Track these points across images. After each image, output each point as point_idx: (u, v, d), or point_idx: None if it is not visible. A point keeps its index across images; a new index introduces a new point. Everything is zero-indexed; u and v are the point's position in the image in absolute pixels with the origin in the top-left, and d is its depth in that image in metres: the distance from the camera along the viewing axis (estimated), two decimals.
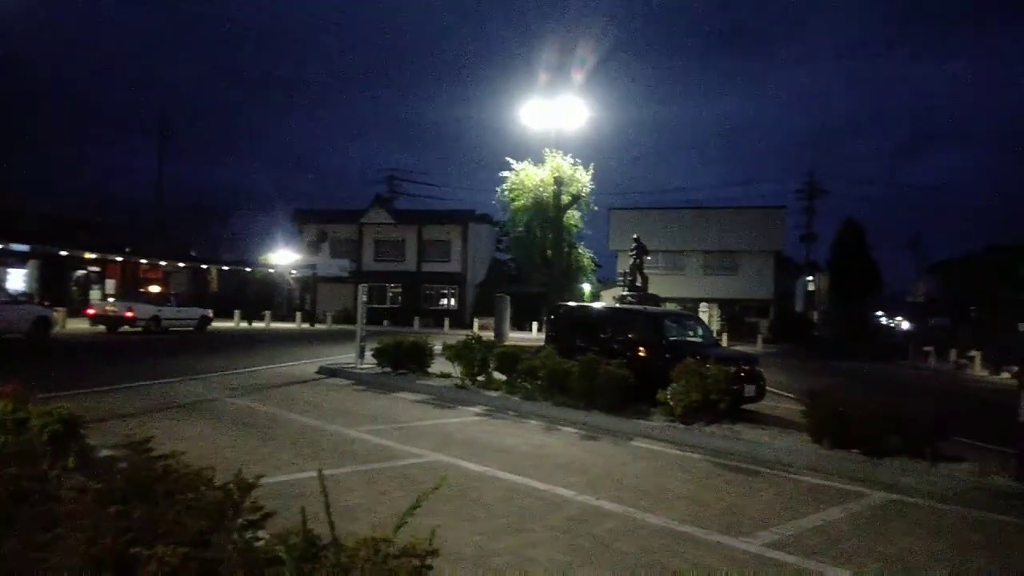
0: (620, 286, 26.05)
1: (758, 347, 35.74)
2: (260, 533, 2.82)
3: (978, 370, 26.84)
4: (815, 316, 51.37)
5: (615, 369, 11.35)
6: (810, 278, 55.45)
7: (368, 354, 16.36)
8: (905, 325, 64.96)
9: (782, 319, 45.00)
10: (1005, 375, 24.20)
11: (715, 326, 37.35)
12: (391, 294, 50.20)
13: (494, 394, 12.79)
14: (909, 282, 58.45)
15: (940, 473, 8.11)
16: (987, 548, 5.86)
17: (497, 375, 13.68)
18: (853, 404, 9.25)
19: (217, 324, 33.34)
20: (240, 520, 2.75)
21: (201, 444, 8.04)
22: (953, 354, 29.33)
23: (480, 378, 13.67)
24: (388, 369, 15.32)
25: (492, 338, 17.78)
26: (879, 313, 68.20)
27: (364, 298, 18.31)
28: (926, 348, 32.36)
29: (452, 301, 49.75)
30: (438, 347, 15.24)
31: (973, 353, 27.92)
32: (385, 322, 42.16)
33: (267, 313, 39.84)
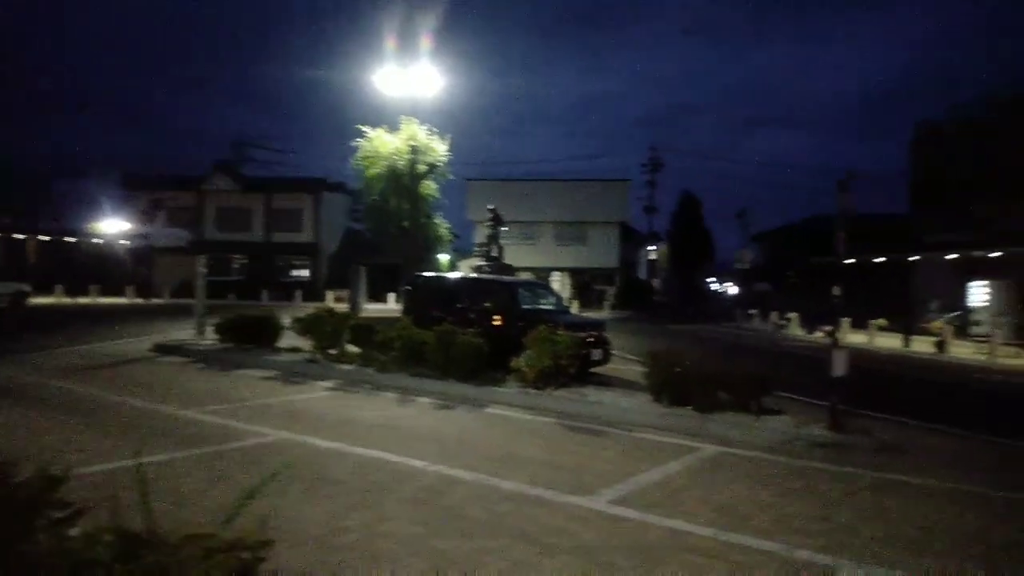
0: (477, 256, 26.15)
1: (605, 313, 37.34)
2: (73, 532, 2.54)
3: (795, 330, 29.60)
4: (656, 283, 54.36)
5: (471, 338, 11.40)
6: (652, 247, 58.47)
7: (210, 329, 15.40)
8: (733, 290, 70.21)
9: (627, 286, 47.25)
10: (819, 334, 26.85)
11: (566, 294, 38.59)
12: (237, 266, 47.56)
13: (348, 367, 12.48)
14: (736, 250, 63.16)
15: (764, 426, 8.84)
16: (805, 493, 6.46)
17: (351, 348, 13.34)
18: (688, 365, 9.87)
19: (37, 300, 30.20)
20: (45, 519, 2.45)
21: (15, 433, 7.23)
22: (774, 316, 32.11)
23: (333, 351, 13.28)
24: (231, 345, 14.51)
25: (347, 310, 17.29)
26: (711, 279, 73.35)
27: (205, 270, 17.19)
28: (751, 311, 35.20)
29: (304, 273, 47.93)
30: (288, 321, 14.61)
31: (791, 315, 30.71)
32: (230, 296, 39.94)
33: (94, 287, 36.44)
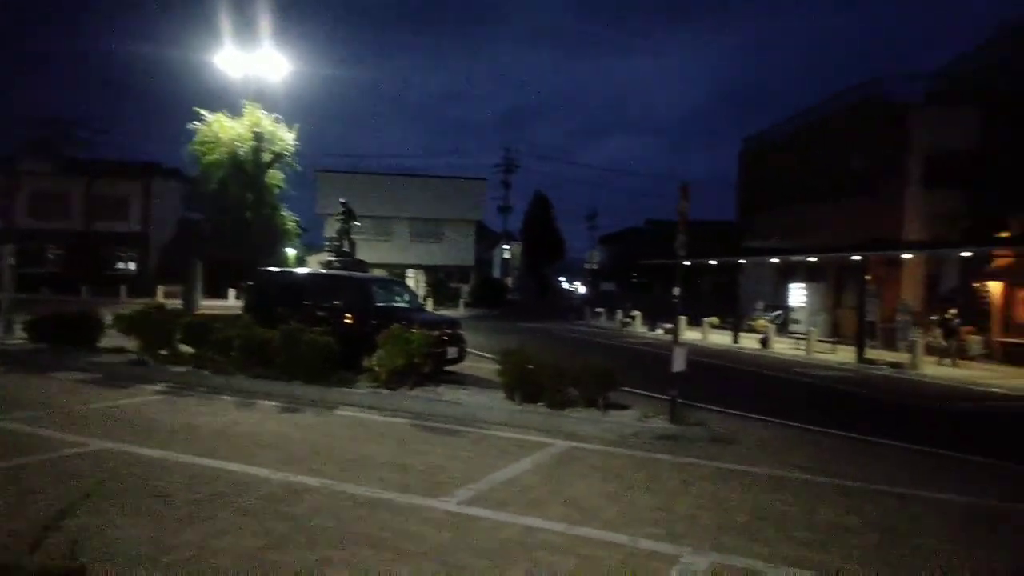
0: (328, 251, 25.25)
1: (460, 311, 37.43)
2: None
3: (639, 328, 31.14)
4: (510, 282, 55.28)
5: (319, 337, 10.93)
6: (506, 246, 59.39)
7: (18, 327, 13.76)
8: (582, 289, 72.82)
9: (482, 284, 47.67)
10: (659, 331, 28.39)
11: (421, 292, 38.29)
12: (53, 257, 43.01)
13: (181, 369, 11.57)
14: (586, 251, 65.57)
15: (611, 420, 9.15)
16: (649, 485, 6.71)
17: (185, 348, 12.38)
18: (539, 362, 10.03)
19: None
20: None
21: None
22: (619, 314, 33.59)
23: (163, 352, 12.26)
24: (45, 345, 13.03)
25: (180, 307, 16.05)
26: (562, 278, 75.73)
27: (12, 261, 15.33)
28: (598, 309, 36.65)
29: (131, 265, 44.18)
30: (110, 318, 13.33)
31: (635, 313, 32.27)
32: (44, 289, 36.04)
33: None
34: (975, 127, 22.94)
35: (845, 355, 20.98)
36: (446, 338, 12.69)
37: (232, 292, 33.63)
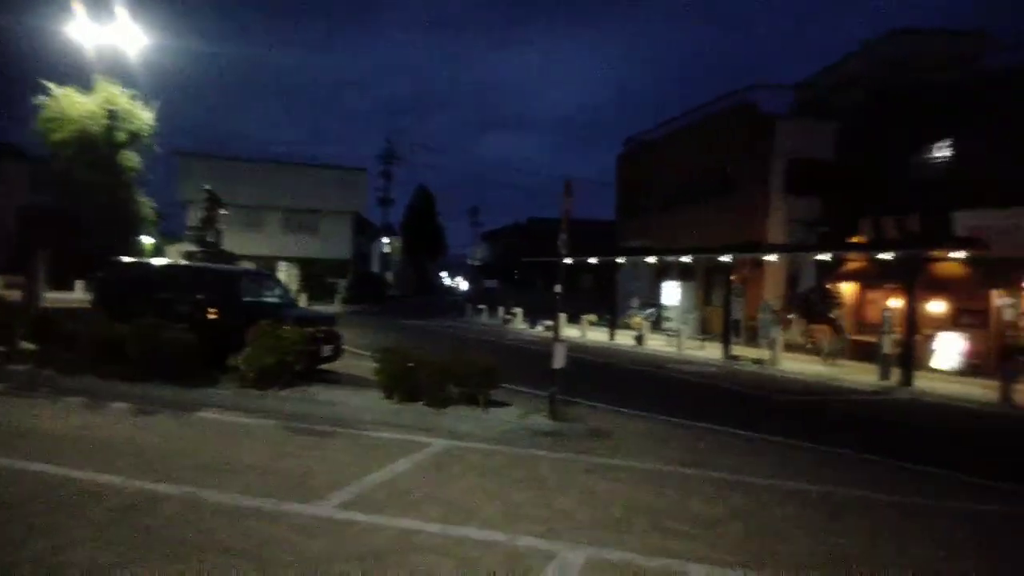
0: (190, 241, 23.77)
1: (336, 307, 36.44)
2: None
3: (520, 325, 31.48)
4: (390, 277, 54.43)
5: (179, 334, 10.22)
6: (386, 240, 58.42)
7: None
8: (464, 285, 72.91)
9: (360, 279, 46.64)
10: (540, 328, 28.82)
11: (294, 286, 36.93)
12: None
13: (20, 368, 10.50)
14: (469, 247, 65.67)
15: (492, 418, 9.11)
16: (528, 481, 6.71)
17: (27, 345, 11.25)
18: (419, 360, 9.84)
19: None
20: None
21: None
22: (501, 311, 33.82)
23: (2, 349, 11.09)
24: None
25: (21, 300, 14.59)
26: (444, 274, 75.49)
27: None
28: (480, 306, 36.76)
29: None
30: None
31: (517, 310, 32.59)
32: None
33: None
34: (831, 138, 24.76)
35: (713, 351, 22.08)
36: (320, 335, 12.22)
37: (80, 284, 31.06)
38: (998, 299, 18.70)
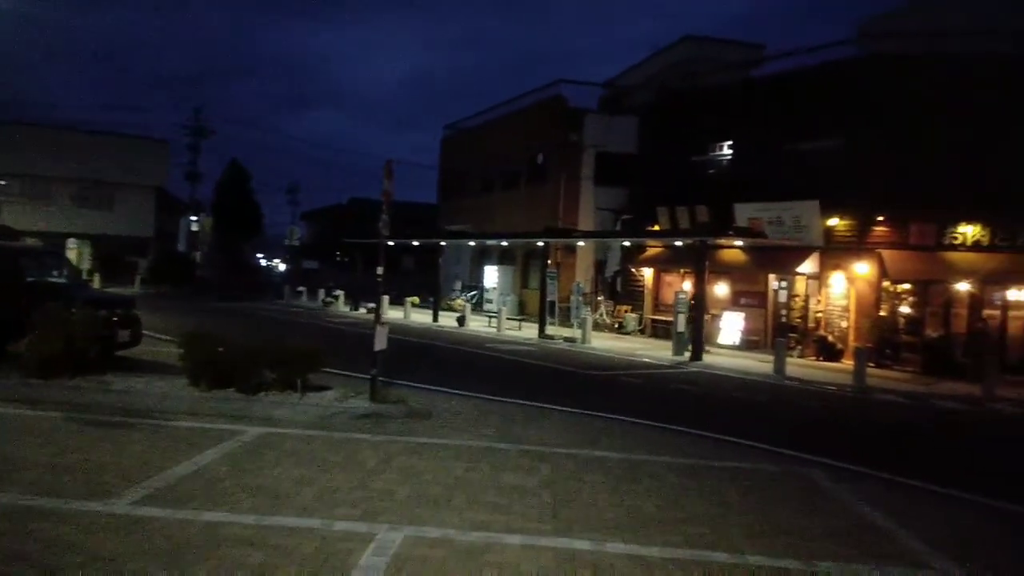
0: None
1: (136, 289, 33.54)
2: None
3: (342, 307, 30.79)
4: (198, 257, 50.82)
5: None
6: (194, 218, 54.38)
7: None
8: (282, 267, 69.85)
9: (164, 259, 43.15)
10: (363, 311, 28.39)
11: (87, 265, 33.45)
12: None
13: None
14: (286, 226, 62.87)
15: (310, 403, 8.92)
16: (346, 465, 6.66)
17: None
18: (230, 344, 9.39)
19: None
20: None
21: None
22: (322, 293, 32.88)
23: None
24: None
25: None
26: (260, 255, 71.77)
27: None
28: (299, 288, 35.48)
29: None
30: None
31: (338, 292, 31.84)
32: None
33: None
34: (634, 133, 26.53)
35: (530, 331, 23.00)
36: (117, 319, 11.27)
37: None
38: (773, 282, 21.14)
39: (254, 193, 53.87)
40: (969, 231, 17.99)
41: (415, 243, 29.94)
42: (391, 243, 27.11)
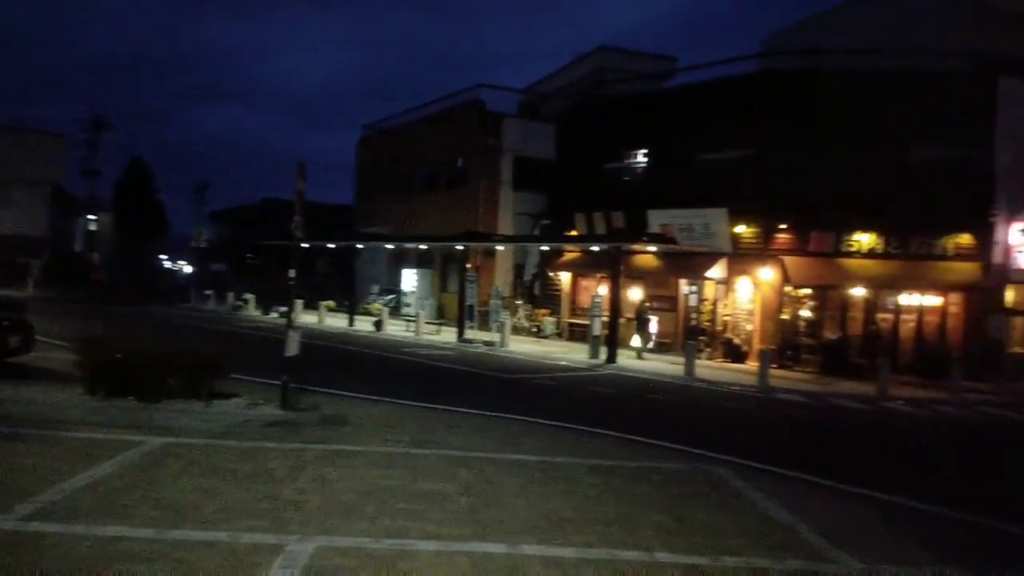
0: None
1: (29, 292, 31.48)
2: None
3: (253, 311, 29.84)
4: (96, 258, 48.18)
5: None
6: (93, 217, 51.55)
7: None
8: (188, 269, 67.11)
9: (59, 260, 40.72)
10: (274, 315, 27.58)
11: None
12: None
13: None
14: (193, 227, 60.43)
15: (216, 411, 8.58)
16: (255, 475, 6.44)
17: None
18: (130, 350, 8.95)
19: None
20: None
21: None
22: (231, 297, 31.77)
23: None
24: None
25: None
26: (164, 257, 68.65)
27: None
28: (207, 291, 34.15)
29: None
30: None
31: (248, 296, 30.84)
32: None
33: None
34: (552, 139, 26.90)
35: (449, 335, 22.92)
36: (7, 324, 10.56)
37: None
38: (684, 287, 21.82)
39: (158, 192, 51.62)
40: (864, 239, 19.09)
41: (330, 245, 29.32)
42: (305, 245, 26.47)
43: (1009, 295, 19.09)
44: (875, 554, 5.39)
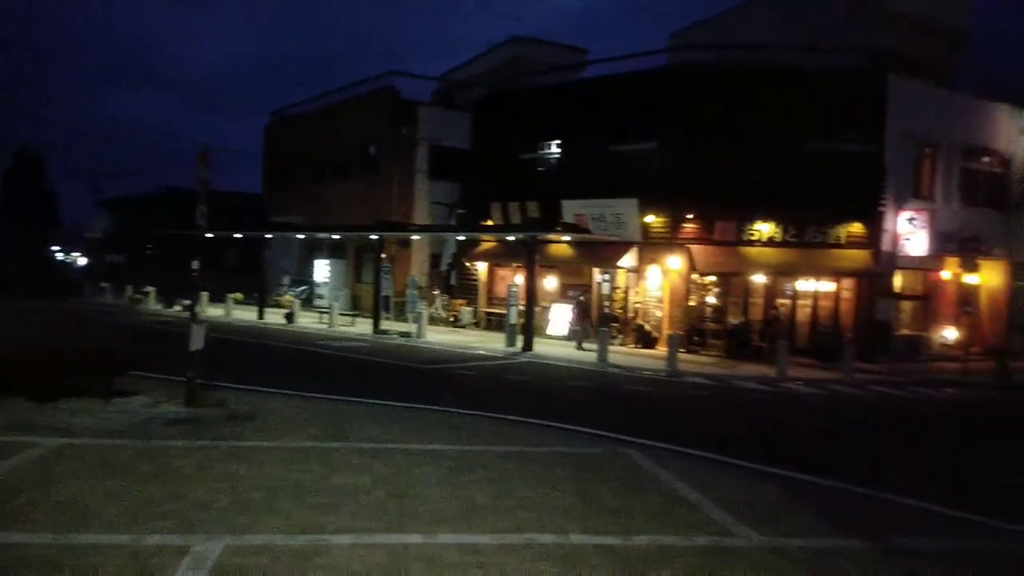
0: None
1: None
2: None
3: (153, 304, 28.50)
4: None
5: None
6: None
7: None
8: (83, 261, 63.45)
9: None
10: (178, 308, 26.44)
11: None
12: None
13: None
14: (88, 217, 57.10)
15: (114, 409, 8.19)
16: (159, 475, 6.20)
17: None
18: (19, 346, 8.42)
19: None
20: None
21: None
22: (130, 290, 30.24)
23: None
24: None
25: None
26: (56, 248, 64.61)
27: None
28: (104, 284, 32.40)
29: None
30: None
31: (149, 288, 29.43)
32: None
33: None
34: (467, 128, 26.82)
35: (364, 327, 22.59)
36: None
37: None
38: (597, 275, 22.27)
39: (50, 181, 48.48)
40: (765, 228, 19.97)
41: (238, 236, 28.27)
42: (210, 235, 25.54)
43: (897, 280, 20.44)
44: (777, 528, 5.69)
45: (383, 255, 23.92)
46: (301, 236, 29.38)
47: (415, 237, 25.88)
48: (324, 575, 4.29)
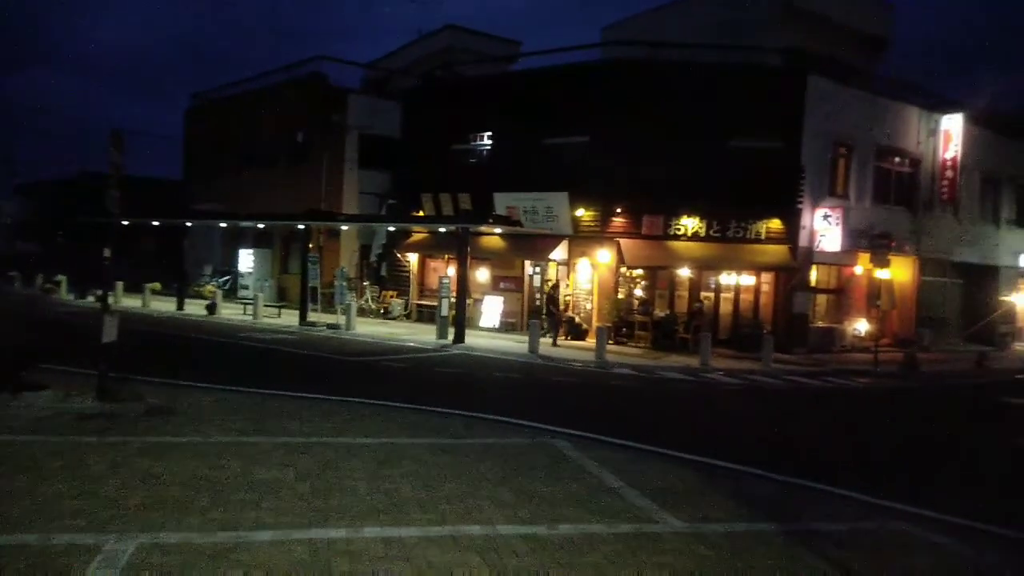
0: None
1: None
2: None
3: (65, 294, 27.14)
4: None
5: None
6: None
7: None
8: None
9: None
10: (91, 299, 25.24)
11: None
12: None
13: None
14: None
15: (22, 405, 7.79)
16: (64, 472, 5.92)
17: None
18: None
19: None
20: None
21: None
22: (41, 279, 28.73)
23: None
24: None
25: None
26: None
27: None
28: (12, 273, 30.65)
29: None
30: None
31: (60, 277, 28.00)
32: None
33: None
34: (398, 117, 26.49)
35: (290, 318, 22.08)
36: None
37: None
38: (529, 268, 22.40)
39: None
40: (690, 224, 20.48)
41: (155, 223, 27.14)
42: (126, 223, 24.45)
43: (813, 275, 21.31)
44: (697, 513, 5.88)
45: (311, 245, 23.43)
46: (224, 225, 28.44)
47: (344, 227, 25.43)
48: (243, 572, 4.19)
